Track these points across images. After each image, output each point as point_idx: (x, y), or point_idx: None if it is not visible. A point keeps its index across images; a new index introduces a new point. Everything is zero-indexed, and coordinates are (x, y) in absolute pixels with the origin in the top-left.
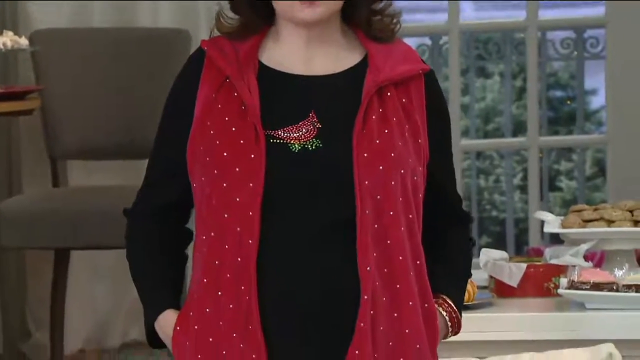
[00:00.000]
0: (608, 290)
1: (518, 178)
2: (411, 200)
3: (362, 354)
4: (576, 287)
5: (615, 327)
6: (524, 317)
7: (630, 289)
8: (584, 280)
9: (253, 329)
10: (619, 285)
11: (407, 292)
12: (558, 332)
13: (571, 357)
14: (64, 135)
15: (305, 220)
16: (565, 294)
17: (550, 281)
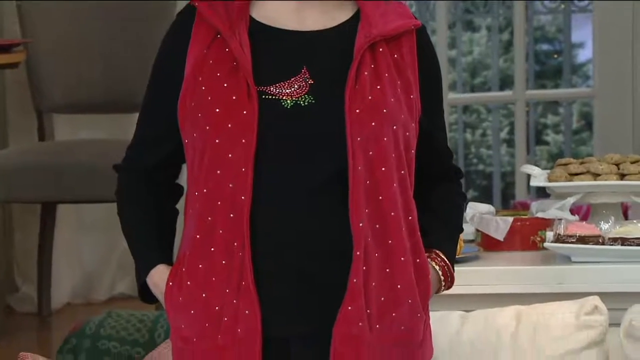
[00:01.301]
0: (594, 243)
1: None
2: (403, 156)
3: (354, 310)
4: (562, 241)
5: (600, 280)
6: (510, 271)
7: (616, 242)
8: (570, 233)
9: (246, 284)
10: (604, 239)
11: (399, 247)
12: (544, 285)
13: (557, 310)
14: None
15: (297, 177)
16: (552, 248)
17: (537, 235)
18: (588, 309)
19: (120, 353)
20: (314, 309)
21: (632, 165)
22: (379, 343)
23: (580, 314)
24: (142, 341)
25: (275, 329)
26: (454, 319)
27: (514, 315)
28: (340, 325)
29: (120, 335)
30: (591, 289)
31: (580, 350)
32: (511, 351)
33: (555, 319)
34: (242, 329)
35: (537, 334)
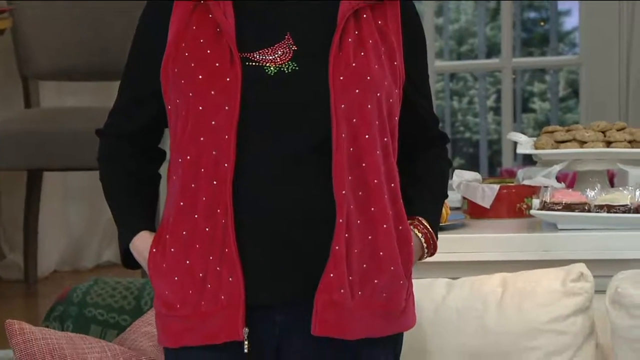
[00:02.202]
0: (580, 210)
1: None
2: (386, 123)
3: (336, 276)
4: (548, 208)
5: (586, 247)
6: (496, 238)
7: (602, 210)
8: (556, 201)
9: (229, 251)
10: (590, 206)
11: (382, 215)
12: (530, 253)
13: (543, 277)
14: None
15: (281, 143)
16: (538, 215)
17: (523, 202)
18: (574, 276)
19: (107, 320)
20: (297, 276)
21: (618, 133)
22: (361, 310)
23: (566, 281)
24: (128, 308)
25: (258, 296)
26: (440, 286)
27: (500, 282)
28: (322, 291)
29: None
30: (577, 256)
31: (566, 317)
32: (497, 318)
33: (541, 286)
34: (225, 296)
35: (523, 301)
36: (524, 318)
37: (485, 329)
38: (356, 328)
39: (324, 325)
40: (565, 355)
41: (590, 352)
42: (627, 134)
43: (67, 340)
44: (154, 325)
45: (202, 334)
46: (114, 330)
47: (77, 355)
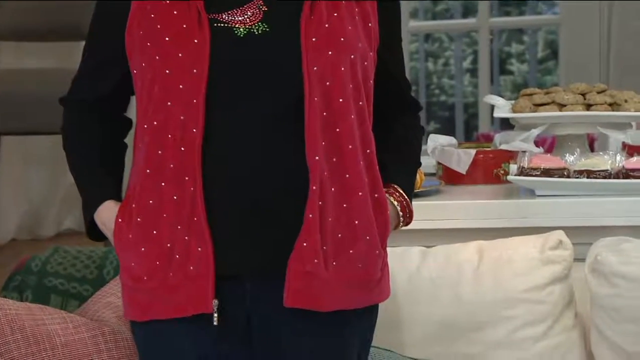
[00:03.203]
0: (559, 176)
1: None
2: (361, 86)
3: (310, 246)
4: (526, 174)
5: (565, 214)
6: (472, 205)
7: (582, 175)
8: (534, 166)
9: (198, 220)
10: (570, 171)
11: (357, 182)
12: (507, 220)
13: (520, 245)
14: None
15: (251, 108)
16: (515, 181)
17: (500, 167)
18: (552, 244)
19: (68, 290)
20: (269, 246)
21: (598, 96)
22: (335, 280)
23: (544, 249)
24: (90, 278)
25: (228, 266)
26: (414, 254)
27: (476, 250)
28: (294, 261)
29: (68, 272)
30: (555, 224)
31: (544, 286)
32: (473, 287)
33: (519, 254)
34: (194, 267)
35: (500, 270)
36: (501, 287)
37: (460, 299)
38: (330, 300)
39: (297, 297)
40: (543, 325)
41: (568, 322)
42: (608, 96)
43: (26, 311)
44: (118, 296)
45: (170, 306)
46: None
47: (36, 326)
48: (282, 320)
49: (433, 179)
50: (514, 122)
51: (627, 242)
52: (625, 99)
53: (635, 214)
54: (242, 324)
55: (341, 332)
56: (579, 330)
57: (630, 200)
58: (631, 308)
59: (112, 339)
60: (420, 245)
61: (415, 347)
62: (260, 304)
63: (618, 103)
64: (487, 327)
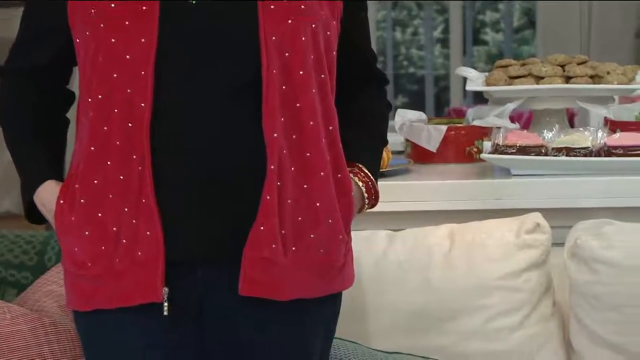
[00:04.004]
0: (536, 154)
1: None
2: (323, 58)
3: (267, 230)
4: (501, 152)
5: (543, 195)
6: (442, 185)
7: (561, 153)
8: (510, 143)
9: (147, 202)
10: (548, 149)
11: (318, 160)
12: (480, 201)
13: (495, 228)
14: None
15: (204, 81)
16: (489, 159)
17: (473, 145)
18: (529, 227)
19: (5, 278)
20: (223, 230)
21: (578, 67)
22: (295, 267)
23: (520, 232)
24: (30, 265)
25: (179, 252)
26: (381, 238)
27: (447, 234)
28: (251, 247)
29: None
30: (532, 205)
31: (520, 273)
32: (443, 274)
33: (493, 238)
34: (142, 252)
35: (473, 255)
36: (473, 274)
37: (430, 286)
38: (289, 288)
39: (253, 285)
40: (518, 314)
41: (546, 311)
42: (589, 68)
43: None
44: (59, 284)
45: (116, 295)
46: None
47: None
48: (238, 310)
49: (401, 158)
50: (487, 96)
51: (609, 225)
52: (607, 71)
53: (617, 194)
54: (194, 314)
55: (302, 320)
56: (557, 319)
57: (613, 180)
58: (612, 295)
59: (53, 330)
60: (387, 228)
61: (382, 338)
62: (214, 292)
63: (600, 75)
64: (459, 316)
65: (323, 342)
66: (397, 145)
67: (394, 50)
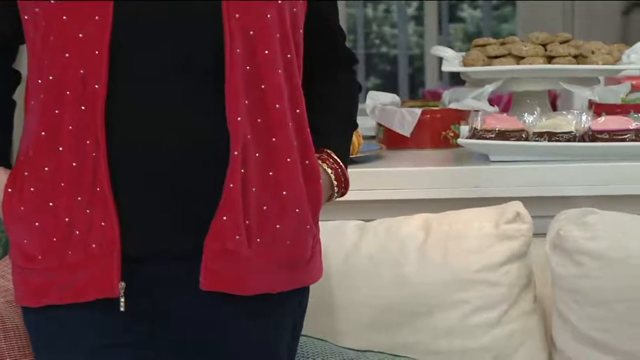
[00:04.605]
0: (516, 139)
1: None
2: (290, 36)
3: (230, 220)
4: (479, 136)
5: (523, 182)
6: (417, 172)
7: (542, 138)
8: (488, 127)
9: (101, 191)
10: (528, 133)
11: (285, 146)
12: (457, 190)
13: (472, 218)
14: None
15: (163, 62)
16: (466, 144)
17: (449, 129)
18: (509, 217)
19: None
20: (184, 220)
21: (561, 46)
22: (259, 260)
23: (500, 222)
24: None
25: (136, 245)
26: (351, 229)
27: (422, 224)
28: (213, 238)
29: None
30: (512, 193)
31: (500, 265)
32: (418, 267)
33: (470, 228)
34: (96, 244)
35: (449, 247)
36: (449, 267)
37: (403, 280)
38: (253, 282)
39: (215, 279)
40: (497, 309)
41: (527, 306)
42: (572, 47)
43: None
44: (7, 278)
45: (69, 290)
46: None
47: None
48: (200, 305)
49: (372, 143)
50: (465, 77)
51: (593, 215)
52: (592, 50)
53: (602, 182)
54: (154, 310)
55: (267, 316)
56: (538, 315)
57: (597, 167)
58: (597, 290)
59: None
60: (357, 218)
61: (352, 335)
62: (175, 287)
63: (584, 55)
64: (434, 312)
65: (290, 339)
66: (369, 129)
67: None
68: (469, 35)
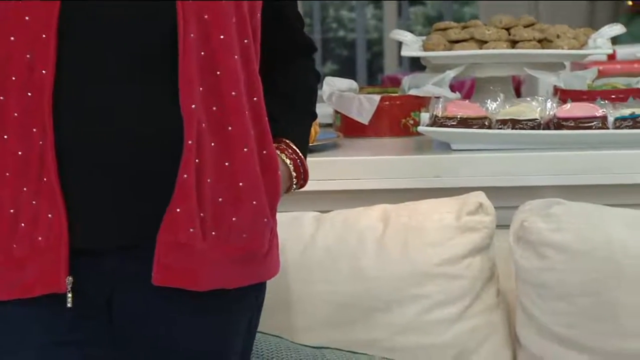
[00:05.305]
0: (478, 127)
1: None
2: (247, 21)
3: (184, 212)
4: (440, 124)
5: (486, 172)
6: (376, 161)
7: (506, 125)
8: (450, 115)
9: (48, 181)
10: (491, 121)
11: (242, 135)
12: (417, 179)
13: (433, 210)
14: None
15: (114, 47)
16: (427, 132)
17: (409, 117)
18: (471, 208)
19: None
20: (135, 212)
21: (525, 30)
22: (215, 254)
23: (462, 213)
24: None
25: (85, 238)
26: (307, 221)
27: (380, 216)
28: (165, 231)
29: None
30: (475, 183)
31: (461, 258)
32: (376, 259)
33: (431, 220)
34: (43, 237)
35: (409, 239)
36: (409, 260)
37: (361, 274)
38: (208, 277)
39: (168, 274)
40: (459, 304)
41: (489, 300)
42: (537, 31)
43: None
44: None
45: (13, 285)
46: None
47: None
48: (152, 301)
49: (329, 131)
50: (425, 62)
51: (559, 205)
52: (557, 35)
53: (568, 171)
54: (103, 307)
55: (222, 312)
56: (502, 309)
57: (563, 156)
58: (562, 283)
59: None
60: (314, 210)
61: (307, 331)
62: (125, 283)
63: (549, 39)
64: (394, 307)
65: (245, 336)
66: (326, 117)
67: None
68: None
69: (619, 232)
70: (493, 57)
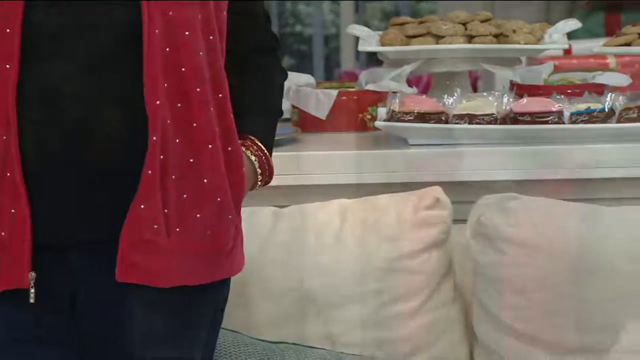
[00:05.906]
0: (435, 121)
1: None
2: (212, 17)
3: (148, 209)
4: (397, 119)
5: (443, 166)
6: (333, 156)
7: (462, 120)
8: (407, 109)
9: (12, 177)
10: (448, 116)
11: (206, 132)
12: (375, 174)
13: (390, 204)
14: None
15: (78, 42)
16: (384, 127)
17: (366, 112)
18: (428, 203)
19: None
20: (99, 209)
21: (482, 25)
22: (179, 251)
23: (419, 208)
24: None
25: (49, 234)
26: (265, 216)
27: (338, 211)
28: (129, 228)
29: None
30: (431, 178)
31: (418, 253)
32: (334, 254)
33: (388, 215)
34: (6, 233)
35: (366, 234)
36: (367, 254)
37: (319, 268)
38: (172, 273)
39: (131, 270)
40: (416, 299)
41: (446, 295)
42: (493, 26)
43: None
44: None
45: None
46: None
47: None
48: (115, 298)
49: (287, 126)
50: (382, 57)
51: (515, 200)
52: (513, 30)
53: (524, 165)
54: (67, 303)
55: (186, 309)
56: (459, 304)
57: (519, 150)
58: (519, 278)
59: None
60: (271, 205)
61: (265, 327)
62: (89, 279)
63: (505, 34)
64: (351, 301)
65: (208, 332)
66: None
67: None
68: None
69: (575, 226)
70: (450, 52)
